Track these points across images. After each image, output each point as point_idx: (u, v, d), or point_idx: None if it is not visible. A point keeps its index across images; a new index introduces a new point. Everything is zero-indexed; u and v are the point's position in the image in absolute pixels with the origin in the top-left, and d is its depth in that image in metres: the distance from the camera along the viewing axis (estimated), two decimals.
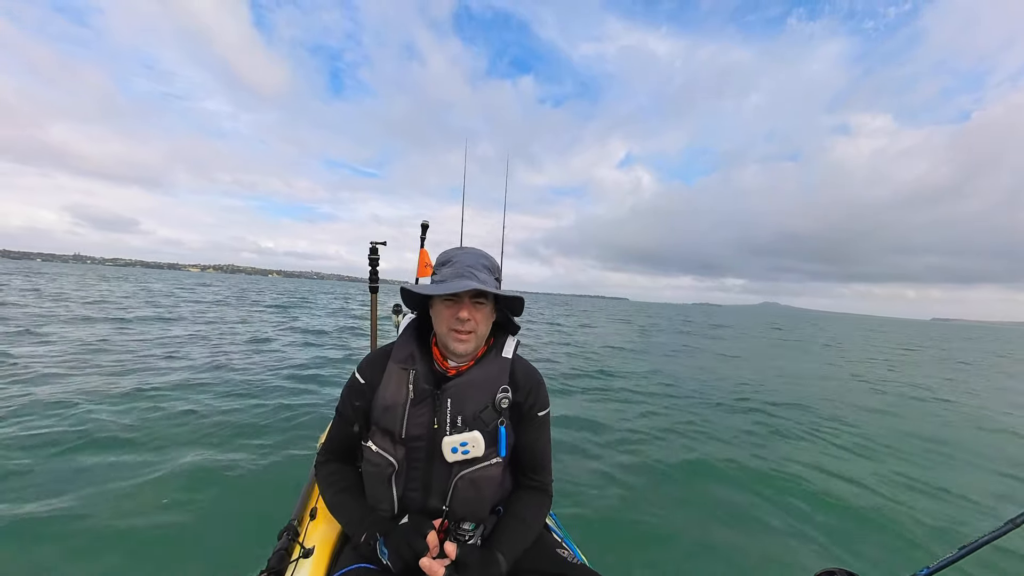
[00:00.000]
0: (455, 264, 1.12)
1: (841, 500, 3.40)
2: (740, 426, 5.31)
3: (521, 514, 1.18)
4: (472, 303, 1.10)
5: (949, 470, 4.28)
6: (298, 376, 6.35)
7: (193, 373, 6.01)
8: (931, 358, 16.46)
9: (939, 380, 10.43)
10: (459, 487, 1.11)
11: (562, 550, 1.23)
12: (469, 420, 1.11)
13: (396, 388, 1.14)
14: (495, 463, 1.12)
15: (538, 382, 1.23)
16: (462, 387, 1.13)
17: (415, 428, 1.12)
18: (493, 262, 1.19)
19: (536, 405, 1.20)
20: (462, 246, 1.21)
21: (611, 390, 6.95)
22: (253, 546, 2.16)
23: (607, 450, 4.20)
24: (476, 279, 1.08)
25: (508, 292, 1.15)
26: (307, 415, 4.51)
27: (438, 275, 1.15)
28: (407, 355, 1.18)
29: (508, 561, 1.07)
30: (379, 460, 1.12)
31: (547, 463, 1.26)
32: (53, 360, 6.12)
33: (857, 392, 8.14)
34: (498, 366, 1.18)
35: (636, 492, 3.35)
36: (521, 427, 1.20)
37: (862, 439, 5.06)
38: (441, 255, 1.20)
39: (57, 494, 2.69)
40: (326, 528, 1.30)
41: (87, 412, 4.07)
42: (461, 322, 1.09)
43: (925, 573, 0.88)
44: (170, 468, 3.12)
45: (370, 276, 2.32)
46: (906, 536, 2.97)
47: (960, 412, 6.93)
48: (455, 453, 1.09)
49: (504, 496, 1.26)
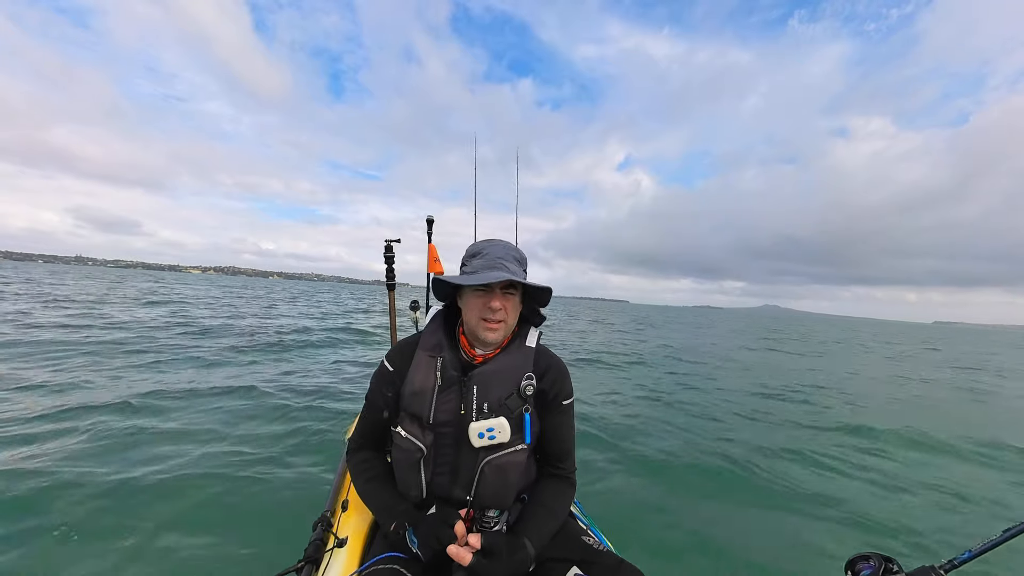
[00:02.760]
0: (486, 256, 1.16)
1: (879, 484, 3.41)
2: (789, 418, 5.38)
3: (546, 501, 1.20)
4: (503, 293, 1.14)
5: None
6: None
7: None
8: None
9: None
10: (485, 472, 1.13)
11: (588, 537, 1.24)
12: (495, 406, 1.13)
13: (424, 375, 1.17)
14: (520, 449, 1.14)
15: (562, 371, 1.25)
16: (488, 374, 1.16)
17: (443, 414, 1.14)
18: (521, 254, 1.23)
19: (560, 393, 1.22)
20: (491, 239, 1.25)
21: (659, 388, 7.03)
22: (290, 537, 2.20)
23: (637, 439, 4.26)
24: (507, 270, 1.12)
25: (537, 284, 1.17)
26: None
27: (468, 267, 1.19)
28: (435, 344, 1.21)
29: (535, 546, 1.08)
30: (408, 445, 1.14)
31: (571, 452, 1.28)
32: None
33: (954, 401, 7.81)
34: (523, 355, 1.20)
35: (663, 479, 3.37)
36: (545, 415, 1.21)
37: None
38: (471, 247, 1.23)
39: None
40: (358, 519, 1.34)
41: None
42: (492, 311, 1.12)
43: (967, 556, 0.86)
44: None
45: (387, 274, 2.35)
46: (947, 519, 2.93)
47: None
48: (481, 439, 1.11)
49: (529, 484, 1.28)
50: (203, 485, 2.92)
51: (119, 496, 2.72)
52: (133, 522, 2.48)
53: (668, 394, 6.56)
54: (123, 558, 2.20)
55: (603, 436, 4.32)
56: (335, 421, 4.31)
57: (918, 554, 2.53)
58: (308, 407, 4.75)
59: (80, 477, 2.84)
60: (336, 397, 5.33)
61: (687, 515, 2.86)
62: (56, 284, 26.18)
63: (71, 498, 2.64)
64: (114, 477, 2.90)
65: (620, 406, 5.67)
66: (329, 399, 5.19)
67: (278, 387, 5.54)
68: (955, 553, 0.87)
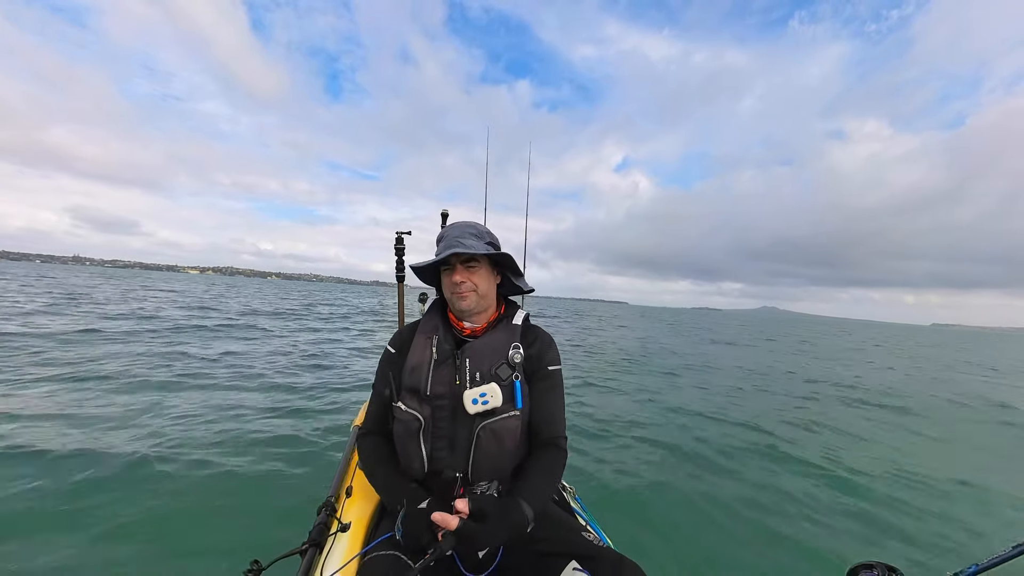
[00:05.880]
0: (446, 238, 1.30)
1: (885, 491, 3.37)
2: (799, 417, 5.37)
3: (538, 466, 1.23)
4: (464, 267, 1.27)
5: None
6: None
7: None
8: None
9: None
10: (481, 438, 1.19)
11: (588, 533, 1.24)
12: (487, 375, 1.23)
13: (422, 351, 1.29)
14: (513, 415, 1.21)
15: (547, 340, 1.37)
16: (478, 347, 1.27)
17: (439, 386, 1.24)
18: (481, 229, 1.34)
19: (545, 359, 1.32)
20: (455, 222, 1.37)
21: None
22: (295, 521, 2.27)
23: (639, 436, 4.27)
24: (462, 246, 1.24)
25: (489, 252, 1.27)
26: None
27: (436, 251, 1.32)
28: (432, 326, 1.34)
29: (532, 507, 1.11)
30: (407, 417, 1.22)
31: (559, 419, 1.32)
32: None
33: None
34: (510, 330, 1.33)
35: (665, 476, 3.37)
36: (534, 382, 1.30)
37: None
38: (438, 235, 1.36)
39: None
40: (362, 504, 1.39)
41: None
42: (456, 285, 1.26)
43: (974, 570, 0.85)
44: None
45: (396, 265, 2.40)
46: (954, 531, 2.88)
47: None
48: (475, 404, 1.18)
49: (523, 458, 1.30)
50: (209, 468, 2.98)
51: (125, 475, 2.79)
52: (137, 501, 2.55)
53: (676, 392, 6.57)
54: (124, 537, 2.25)
55: (605, 431, 4.33)
56: (341, 406, 4.35)
57: (920, 568, 2.49)
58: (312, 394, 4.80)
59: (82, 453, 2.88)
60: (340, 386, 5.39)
61: (688, 513, 2.85)
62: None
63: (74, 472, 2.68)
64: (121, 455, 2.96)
65: (632, 404, 5.69)
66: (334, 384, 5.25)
67: (284, 374, 5.61)
68: (961, 566, 0.86)
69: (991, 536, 2.87)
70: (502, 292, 1.43)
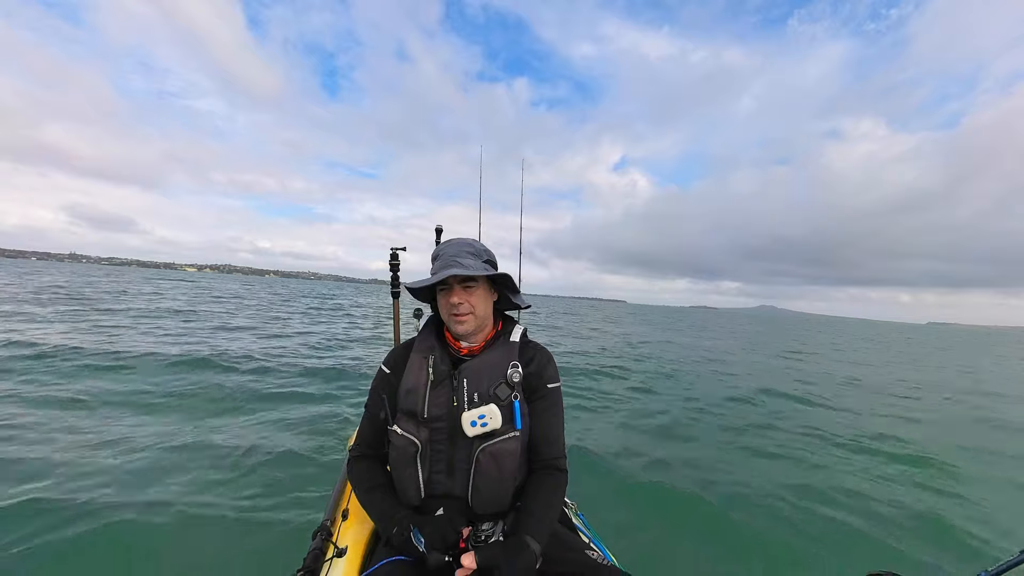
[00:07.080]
0: (442, 256, 1.24)
1: (893, 500, 3.33)
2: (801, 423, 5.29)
3: (539, 494, 1.20)
4: (462, 287, 1.21)
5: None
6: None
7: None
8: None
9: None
10: (480, 461, 1.16)
11: (591, 551, 1.23)
12: (485, 396, 1.19)
13: (417, 372, 1.24)
14: (512, 436, 1.18)
15: (547, 357, 1.32)
16: (476, 367, 1.23)
17: (436, 408, 1.20)
18: (478, 247, 1.28)
19: (545, 377, 1.28)
20: (451, 239, 1.32)
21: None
22: (288, 546, 2.20)
23: (643, 451, 4.20)
24: (459, 266, 1.19)
25: (489, 273, 1.23)
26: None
27: (432, 269, 1.27)
28: (427, 345, 1.29)
29: (539, 541, 1.08)
30: (403, 442, 1.18)
31: (559, 439, 1.29)
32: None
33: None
34: (508, 348, 1.28)
35: (669, 492, 3.32)
36: (533, 401, 1.26)
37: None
38: (433, 252, 1.32)
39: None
40: (358, 528, 1.34)
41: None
42: (454, 306, 1.20)
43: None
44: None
45: (392, 281, 2.39)
46: (963, 537, 2.83)
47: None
48: (474, 427, 1.15)
49: (523, 480, 1.27)
50: (200, 493, 2.88)
51: (118, 502, 2.69)
52: (129, 530, 2.44)
53: (680, 404, 6.40)
54: (119, 565, 2.18)
55: (609, 447, 4.24)
56: (335, 429, 4.27)
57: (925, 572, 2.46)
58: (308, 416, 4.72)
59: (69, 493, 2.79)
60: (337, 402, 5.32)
61: (693, 529, 2.80)
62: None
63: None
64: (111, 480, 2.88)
65: (632, 415, 5.59)
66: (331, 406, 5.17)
67: (276, 393, 5.52)
68: (968, 574, 0.85)
69: (994, 543, 2.83)
70: (498, 307, 1.39)
